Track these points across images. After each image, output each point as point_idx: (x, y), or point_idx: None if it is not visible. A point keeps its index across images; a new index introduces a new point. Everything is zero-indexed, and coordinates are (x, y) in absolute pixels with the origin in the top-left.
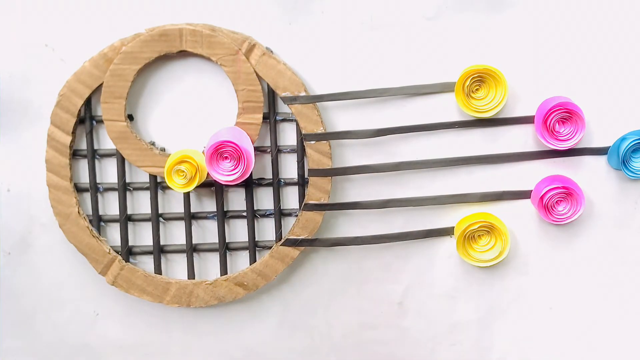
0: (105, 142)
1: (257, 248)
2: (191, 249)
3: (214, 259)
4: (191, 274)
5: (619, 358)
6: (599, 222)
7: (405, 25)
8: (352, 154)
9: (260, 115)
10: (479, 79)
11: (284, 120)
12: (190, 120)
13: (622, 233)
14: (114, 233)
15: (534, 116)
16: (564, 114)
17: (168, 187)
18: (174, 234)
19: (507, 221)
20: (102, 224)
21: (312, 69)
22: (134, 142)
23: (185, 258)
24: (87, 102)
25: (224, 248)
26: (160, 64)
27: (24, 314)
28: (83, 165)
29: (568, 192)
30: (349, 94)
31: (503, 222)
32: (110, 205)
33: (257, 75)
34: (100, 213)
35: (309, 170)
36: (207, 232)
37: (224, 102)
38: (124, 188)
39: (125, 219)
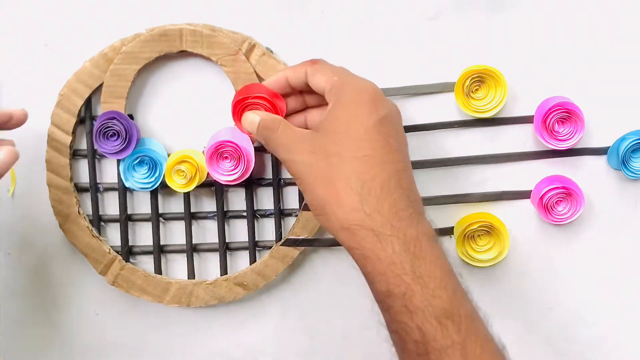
0: None
1: (257, 248)
2: (191, 249)
3: (214, 259)
4: (191, 274)
5: (619, 358)
6: (599, 222)
7: (405, 26)
8: None
9: None
10: (479, 79)
11: None
12: (191, 120)
13: (622, 233)
14: (114, 233)
15: (533, 116)
16: (563, 114)
17: (168, 187)
18: (174, 234)
19: (507, 221)
20: (102, 224)
21: None
22: None
23: (185, 258)
24: (87, 102)
25: (224, 248)
26: (160, 64)
27: (24, 314)
28: (83, 165)
29: (568, 192)
30: None
31: (503, 222)
32: (110, 205)
33: (257, 75)
34: (100, 213)
35: None
36: (207, 232)
37: (224, 102)
38: (124, 188)
39: (125, 219)
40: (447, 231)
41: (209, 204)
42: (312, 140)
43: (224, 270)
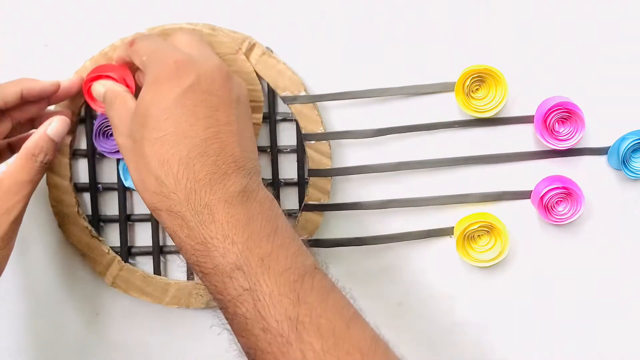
0: None
1: None
2: None
3: None
4: (190, 275)
5: (619, 358)
6: (599, 222)
7: (405, 26)
8: (352, 154)
9: (261, 115)
10: (479, 79)
11: (283, 120)
12: None
13: (622, 233)
14: (113, 233)
15: (533, 116)
16: (564, 114)
17: None
18: None
19: (507, 221)
20: (102, 224)
21: (312, 69)
22: None
23: None
24: None
25: None
26: None
27: (24, 314)
28: (83, 164)
29: (568, 192)
30: (349, 94)
31: (503, 222)
32: (109, 205)
33: (257, 74)
34: (100, 213)
35: (309, 170)
36: None
37: None
38: (123, 188)
39: (125, 219)
40: (448, 231)
41: None
42: (129, 123)
43: None
